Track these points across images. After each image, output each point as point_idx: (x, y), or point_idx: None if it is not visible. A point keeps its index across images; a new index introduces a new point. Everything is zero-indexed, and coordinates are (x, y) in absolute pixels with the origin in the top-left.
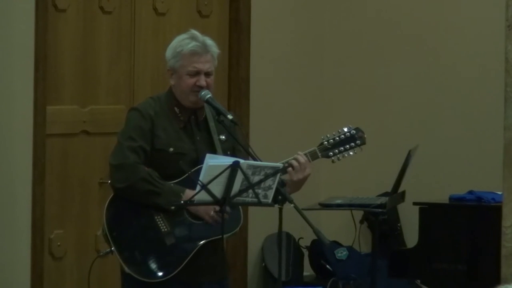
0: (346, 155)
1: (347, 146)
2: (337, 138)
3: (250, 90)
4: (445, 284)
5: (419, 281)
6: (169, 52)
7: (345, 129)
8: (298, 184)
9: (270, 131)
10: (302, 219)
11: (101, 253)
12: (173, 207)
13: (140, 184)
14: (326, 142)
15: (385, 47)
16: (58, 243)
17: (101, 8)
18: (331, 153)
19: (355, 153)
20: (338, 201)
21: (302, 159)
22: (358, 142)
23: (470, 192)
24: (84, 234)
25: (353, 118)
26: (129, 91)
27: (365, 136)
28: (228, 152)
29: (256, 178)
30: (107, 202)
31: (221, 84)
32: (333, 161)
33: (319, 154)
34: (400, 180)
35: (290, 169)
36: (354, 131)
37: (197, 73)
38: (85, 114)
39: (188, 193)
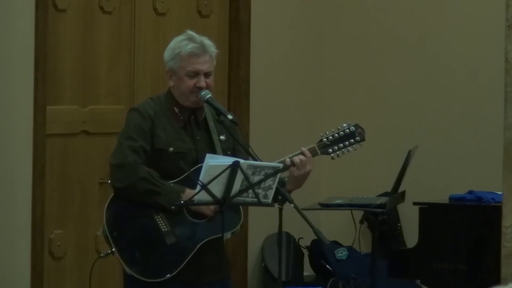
0: (345, 151)
1: (346, 142)
2: (336, 134)
3: (250, 90)
4: (445, 284)
5: (419, 281)
6: (167, 54)
7: (344, 125)
8: (298, 181)
9: (270, 131)
10: (302, 219)
11: (102, 254)
12: (173, 207)
13: (140, 183)
14: (325, 139)
15: (385, 47)
16: (58, 243)
17: (101, 8)
18: (330, 150)
19: (355, 149)
20: (338, 201)
21: (304, 155)
22: (357, 138)
23: (470, 192)
24: (84, 234)
25: (353, 118)
26: (129, 91)
27: (364, 132)
28: (228, 152)
29: (256, 178)
30: (107, 202)
31: (221, 84)
32: (332, 158)
33: (318, 151)
34: (400, 180)
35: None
36: (354, 128)
37: (196, 74)
38: (85, 114)
39: (188, 192)
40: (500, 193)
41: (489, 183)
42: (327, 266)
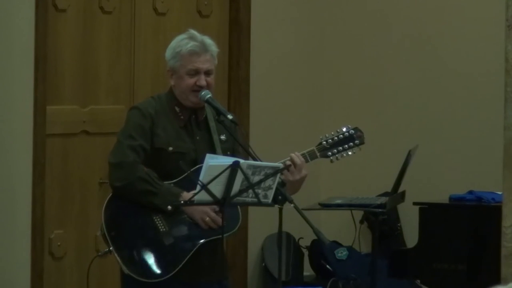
0: (344, 155)
1: (346, 146)
2: (336, 138)
3: (250, 90)
4: (445, 284)
5: (419, 281)
6: (168, 53)
7: (344, 129)
8: (295, 186)
9: (270, 131)
10: (302, 219)
11: (100, 253)
12: (169, 208)
13: (138, 183)
14: (324, 142)
15: (385, 47)
16: (58, 243)
17: (101, 8)
18: (329, 153)
19: (354, 153)
20: (338, 201)
21: (298, 160)
22: (356, 142)
23: (470, 192)
24: (84, 234)
25: (353, 118)
26: (129, 91)
27: (364, 135)
28: (228, 152)
29: (256, 178)
30: (105, 201)
31: (221, 84)
32: (331, 161)
33: (318, 154)
34: (400, 180)
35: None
36: (353, 131)
37: (196, 72)
38: (85, 114)
39: (186, 195)
40: (500, 193)
41: (489, 183)
42: (327, 266)
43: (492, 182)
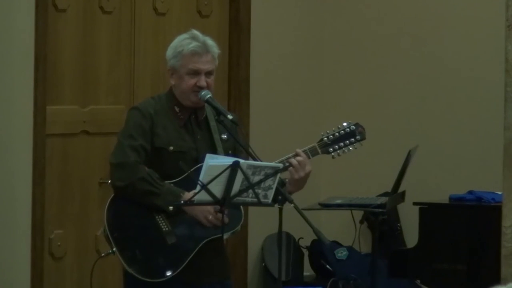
0: (346, 150)
1: (347, 141)
2: (337, 133)
3: (250, 90)
4: (445, 284)
5: (419, 281)
6: (169, 52)
7: (345, 124)
8: (300, 182)
9: (270, 131)
10: (302, 219)
11: (103, 254)
12: (171, 208)
13: (140, 183)
14: (326, 138)
15: (385, 47)
16: (58, 243)
17: (101, 8)
18: (331, 149)
19: (355, 148)
20: (338, 201)
21: (301, 157)
22: (358, 137)
23: (470, 192)
24: (84, 234)
25: (353, 118)
26: (129, 91)
27: (365, 131)
28: (230, 152)
29: (256, 178)
30: (108, 202)
31: (221, 84)
32: (333, 157)
33: (319, 150)
34: (400, 180)
35: (290, 167)
36: (354, 127)
37: (197, 73)
38: (85, 114)
39: (187, 195)
40: (500, 193)
41: (489, 183)
42: (327, 266)
43: (492, 182)
